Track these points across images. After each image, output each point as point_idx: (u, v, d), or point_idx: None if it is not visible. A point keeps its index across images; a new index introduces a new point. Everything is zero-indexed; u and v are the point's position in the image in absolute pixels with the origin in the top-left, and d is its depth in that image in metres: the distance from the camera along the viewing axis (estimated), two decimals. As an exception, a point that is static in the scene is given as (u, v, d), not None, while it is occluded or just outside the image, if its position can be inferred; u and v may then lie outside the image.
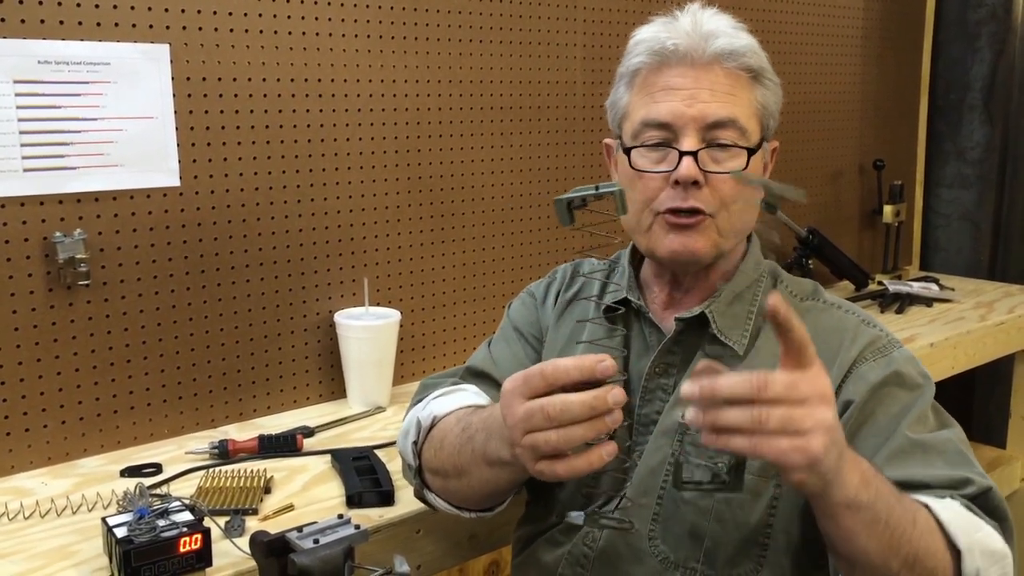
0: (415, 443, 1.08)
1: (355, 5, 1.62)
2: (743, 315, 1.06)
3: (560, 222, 0.94)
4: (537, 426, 0.80)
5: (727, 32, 1.03)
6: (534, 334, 1.20)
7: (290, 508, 1.23)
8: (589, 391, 0.80)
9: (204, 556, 1.02)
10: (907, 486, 0.93)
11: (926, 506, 0.89)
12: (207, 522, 1.04)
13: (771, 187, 0.95)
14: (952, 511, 0.90)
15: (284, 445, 1.42)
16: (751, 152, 1.02)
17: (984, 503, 0.94)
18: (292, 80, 1.56)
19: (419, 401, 1.15)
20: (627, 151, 1.04)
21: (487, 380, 1.17)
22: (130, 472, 1.35)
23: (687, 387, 0.76)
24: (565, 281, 1.21)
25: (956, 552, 0.88)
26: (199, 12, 1.45)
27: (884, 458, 0.96)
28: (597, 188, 0.91)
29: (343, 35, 1.61)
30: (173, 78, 1.43)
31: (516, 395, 0.83)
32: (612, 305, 1.11)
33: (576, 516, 0.91)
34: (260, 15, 1.51)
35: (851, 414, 0.98)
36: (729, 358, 1.04)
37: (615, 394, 0.80)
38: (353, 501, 1.24)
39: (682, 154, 1.00)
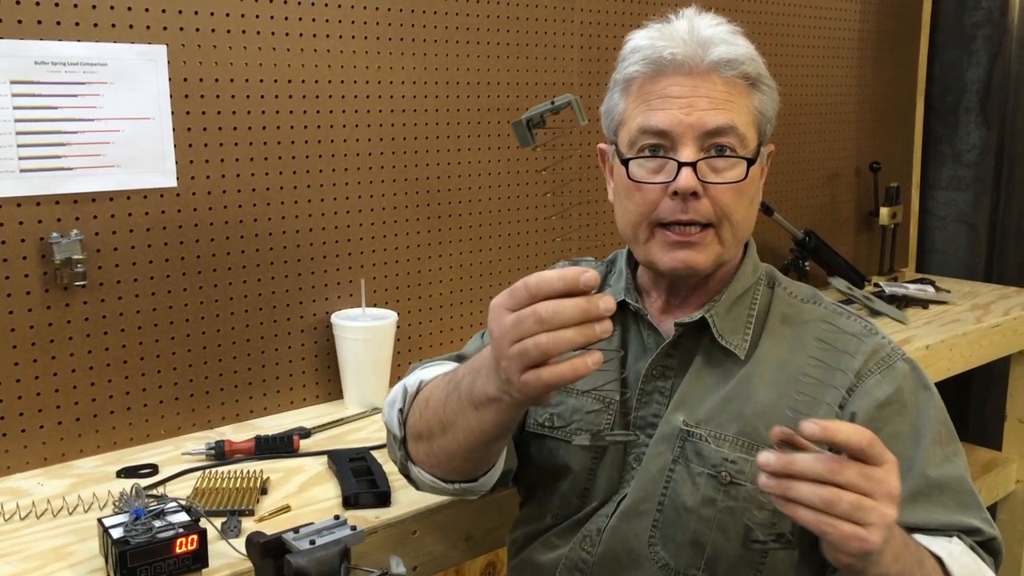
0: (401, 411, 1.07)
1: (352, 7, 1.62)
2: (743, 318, 1.06)
3: (520, 143, 0.93)
4: (527, 331, 0.80)
5: (725, 39, 1.01)
6: None
7: (286, 509, 1.23)
8: (581, 296, 0.81)
9: (200, 557, 1.02)
10: (920, 528, 0.97)
11: (937, 557, 0.93)
12: (203, 523, 1.05)
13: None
14: (960, 564, 0.94)
15: (281, 446, 1.42)
16: (750, 162, 1.01)
17: (986, 549, 0.99)
18: (289, 81, 1.56)
19: None
20: (624, 162, 1.03)
21: None
22: (126, 473, 1.35)
23: (763, 457, 0.79)
24: None
25: None
26: (196, 13, 1.45)
27: (902, 498, 0.97)
28: (552, 102, 0.92)
29: (340, 36, 1.61)
30: (170, 79, 1.43)
31: (502, 308, 0.83)
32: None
33: (583, 437, 0.94)
34: (257, 16, 1.51)
35: None
36: (730, 362, 1.04)
37: (607, 300, 0.80)
38: (349, 502, 1.24)
39: (681, 165, 0.98)
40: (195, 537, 1.01)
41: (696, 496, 1.00)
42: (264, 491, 1.28)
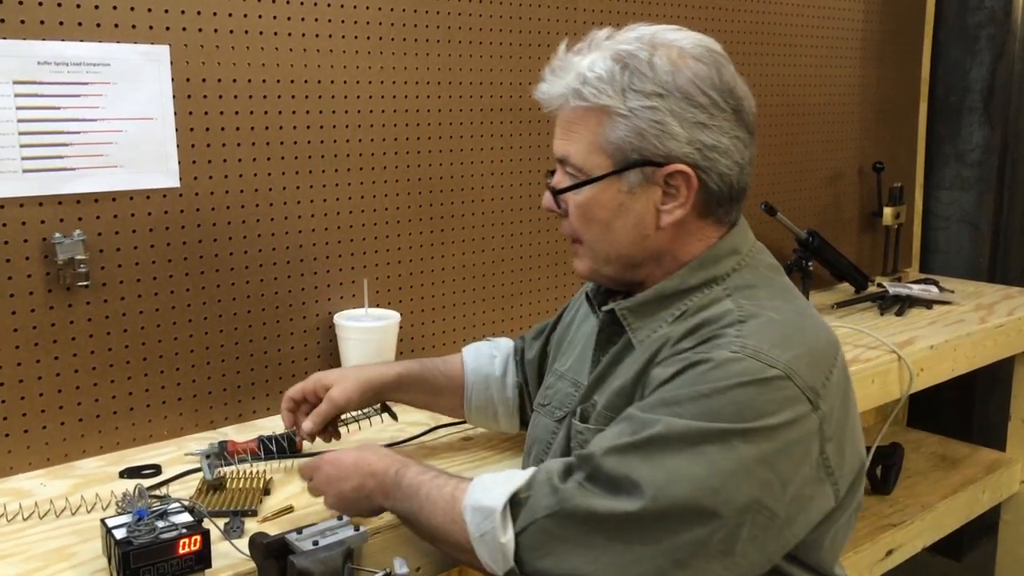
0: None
1: (355, 7, 1.62)
2: (665, 316, 1.05)
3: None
4: None
5: (573, 72, 1.07)
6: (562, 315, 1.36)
7: (290, 509, 1.23)
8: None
9: (203, 558, 1.02)
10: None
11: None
12: (206, 523, 1.04)
13: None
14: (494, 487, 1.00)
15: (284, 446, 1.42)
16: (559, 192, 1.07)
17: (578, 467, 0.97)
18: (292, 81, 1.56)
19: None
20: None
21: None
22: (129, 473, 1.35)
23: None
24: None
25: None
26: (199, 13, 1.45)
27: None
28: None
29: (343, 36, 1.61)
30: (173, 79, 1.43)
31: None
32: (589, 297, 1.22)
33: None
34: (260, 16, 1.51)
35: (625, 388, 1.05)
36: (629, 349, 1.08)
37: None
38: (353, 503, 1.24)
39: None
40: (198, 538, 1.01)
41: None
42: (267, 491, 1.27)
